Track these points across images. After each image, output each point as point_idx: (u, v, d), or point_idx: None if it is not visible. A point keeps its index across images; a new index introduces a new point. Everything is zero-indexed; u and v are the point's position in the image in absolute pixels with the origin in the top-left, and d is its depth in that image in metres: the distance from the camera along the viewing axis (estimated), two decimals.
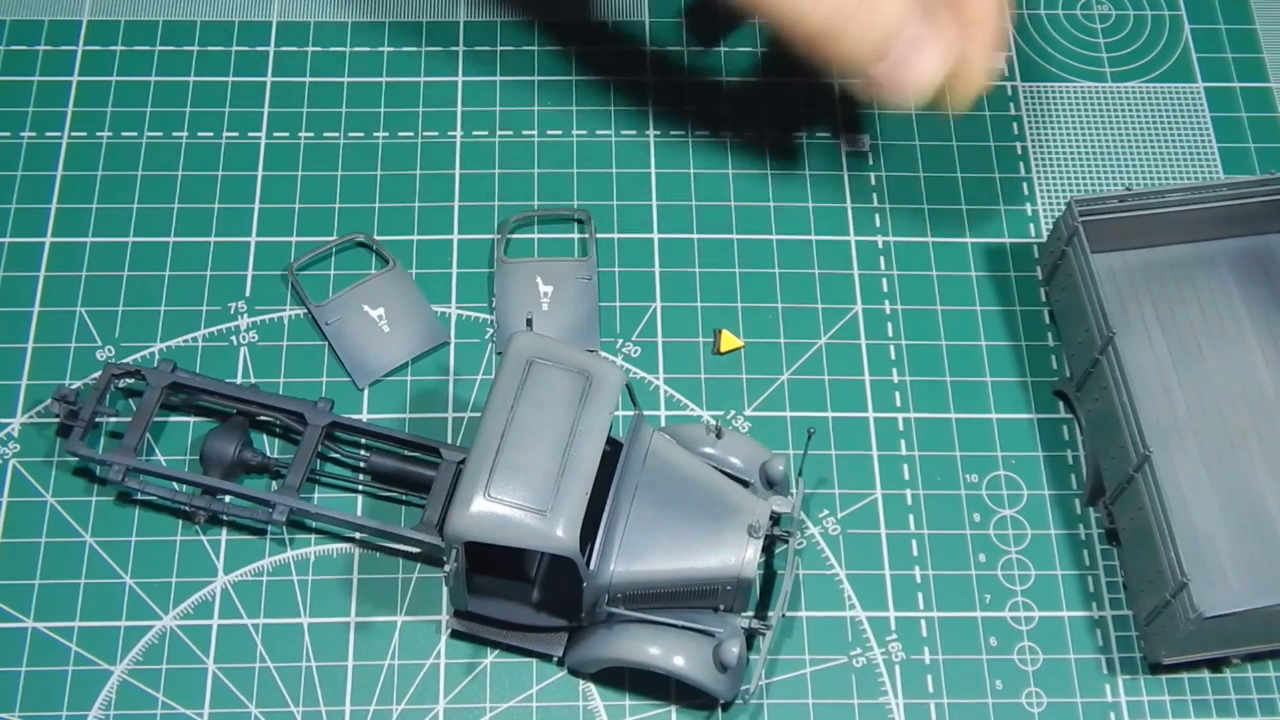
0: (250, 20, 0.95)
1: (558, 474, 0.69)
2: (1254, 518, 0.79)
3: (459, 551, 0.70)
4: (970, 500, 0.82)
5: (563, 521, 0.68)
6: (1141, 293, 0.85)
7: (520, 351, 0.72)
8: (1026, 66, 0.96)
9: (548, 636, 0.76)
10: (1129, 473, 0.76)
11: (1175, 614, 0.73)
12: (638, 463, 0.74)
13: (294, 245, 0.87)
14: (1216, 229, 0.86)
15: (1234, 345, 0.84)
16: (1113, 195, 0.82)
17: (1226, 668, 0.78)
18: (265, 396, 0.80)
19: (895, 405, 0.85)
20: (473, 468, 0.69)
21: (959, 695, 0.77)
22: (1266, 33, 0.98)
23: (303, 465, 0.78)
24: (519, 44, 0.95)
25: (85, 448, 0.78)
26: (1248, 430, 0.81)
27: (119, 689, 0.76)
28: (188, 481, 0.78)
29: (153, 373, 0.80)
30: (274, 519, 0.77)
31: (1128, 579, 0.79)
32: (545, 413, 0.70)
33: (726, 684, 0.73)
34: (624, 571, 0.72)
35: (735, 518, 0.73)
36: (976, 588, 0.80)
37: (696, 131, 0.93)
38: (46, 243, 0.87)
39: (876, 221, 0.90)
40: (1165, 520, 0.73)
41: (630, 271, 0.88)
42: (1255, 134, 0.94)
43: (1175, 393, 0.82)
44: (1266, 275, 0.86)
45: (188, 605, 0.78)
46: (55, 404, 0.78)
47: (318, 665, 0.77)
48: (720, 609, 0.75)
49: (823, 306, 0.87)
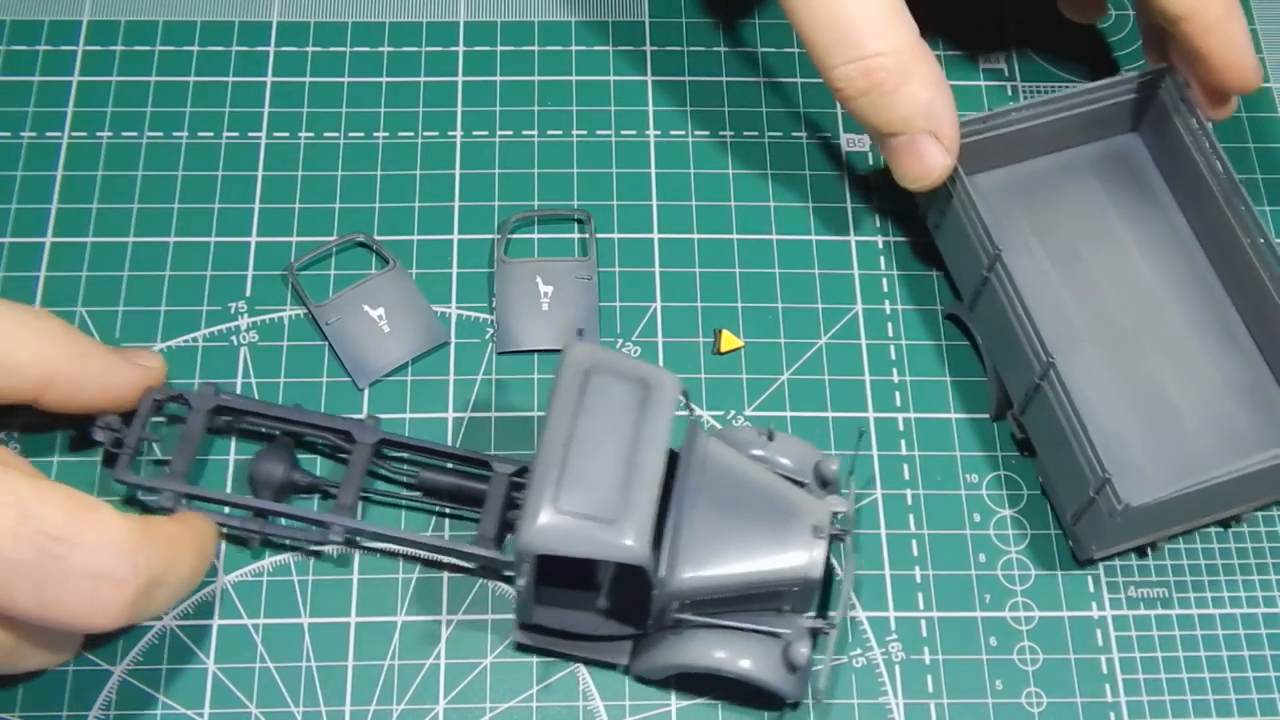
0: (250, 20, 0.95)
1: (624, 483, 0.69)
2: (1157, 406, 0.81)
3: (530, 565, 0.70)
4: (970, 500, 0.82)
5: (633, 530, 0.68)
6: (1015, 208, 0.87)
7: (577, 362, 0.72)
8: (1026, 67, 0.96)
9: (613, 645, 0.76)
10: (1034, 381, 0.77)
11: (1100, 510, 0.75)
12: (697, 468, 0.74)
13: (294, 245, 0.87)
14: (1076, 136, 0.88)
15: (1110, 244, 0.86)
16: (977, 117, 0.83)
17: (1151, 551, 0.81)
18: (312, 416, 0.80)
19: (895, 405, 0.85)
20: (539, 480, 0.69)
21: (959, 695, 0.77)
22: (1266, 33, 0.98)
23: (355, 483, 0.78)
24: (519, 44, 0.95)
25: (134, 476, 0.77)
26: (1137, 324, 0.84)
27: (119, 689, 0.76)
28: (241, 506, 0.78)
29: (196, 396, 0.79)
30: (330, 539, 0.77)
31: (1046, 485, 0.81)
32: (607, 422, 0.70)
33: (796, 684, 0.74)
34: (691, 577, 0.72)
35: (797, 519, 0.73)
36: (976, 588, 0.80)
37: (696, 131, 0.93)
38: (46, 243, 0.87)
39: (876, 221, 0.90)
40: (1079, 422, 0.75)
41: (630, 271, 0.88)
42: (1255, 134, 0.94)
43: (1063, 299, 0.84)
44: (1129, 172, 0.88)
45: (188, 605, 0.78)
46: (99, 432, 0.77)
47: (318, 665, 0.77)
48: (784, 610, 0.75)
49: (823, 306, 0.87)
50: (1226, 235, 0.83)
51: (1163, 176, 0.88)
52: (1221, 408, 0.82)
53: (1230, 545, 0.82)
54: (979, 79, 0.95)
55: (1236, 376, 0.83)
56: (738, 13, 0.97)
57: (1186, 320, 0.84)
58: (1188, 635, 0.80)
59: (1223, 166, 0.83)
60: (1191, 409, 0.81)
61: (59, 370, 0.74)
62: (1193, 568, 0.81)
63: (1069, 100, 0.85)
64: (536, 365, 0.85)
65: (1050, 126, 0.86)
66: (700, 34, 0.96)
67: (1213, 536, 0.82)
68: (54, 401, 0.75)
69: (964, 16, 0.97)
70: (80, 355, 0.75)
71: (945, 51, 0.96)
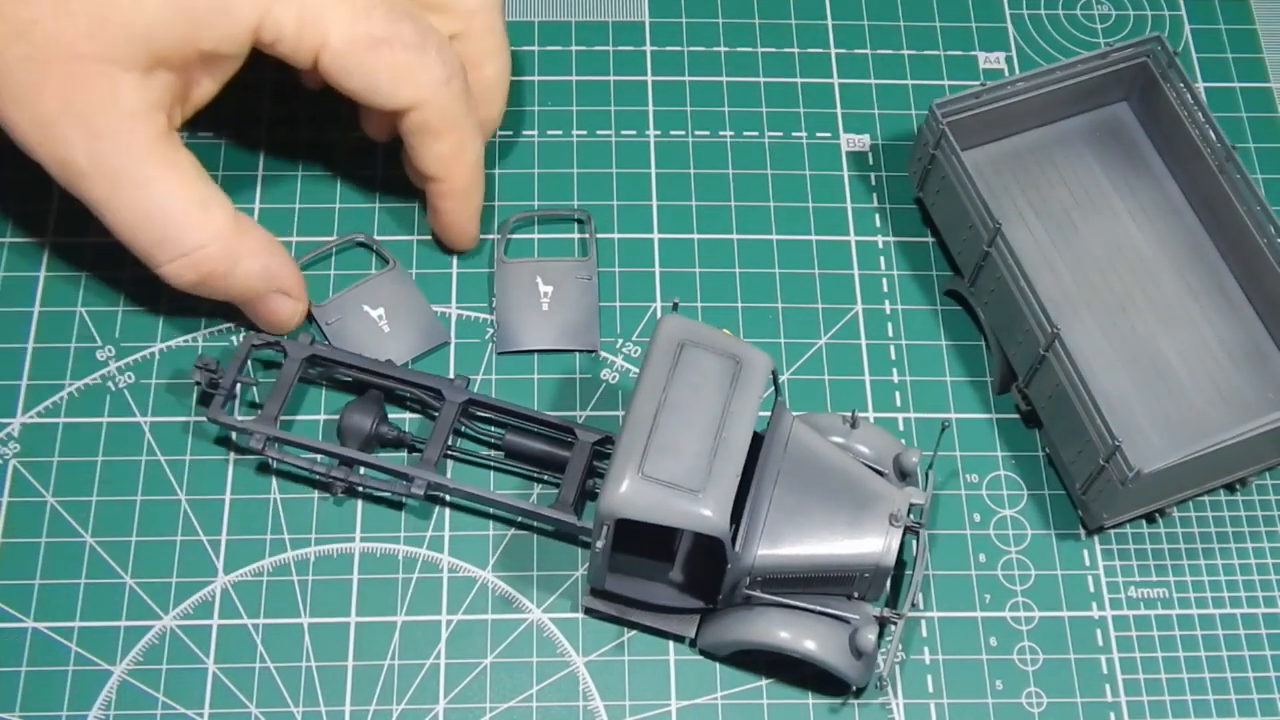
0: None
1: (710, 455, 0.70)
2: (1158, 373, 0.82)
3: (609, 529, 0.70)
4: (970, 500, 0.82)
5: (714, 502, 0.69)
6: (1009, 181, 0.88)
7: (670, 333, 0.73)
8: (1027, 67, 0.96)
9: (680, 618, 0.77)
10: (1039, 353, 0.78)
11: (1110, 477, 0.76)
12: (779, 448, 0.74)
13: (294, 245, 0.87)
14: (1066, 107, 0.89)
15: (1104, 214, 0.87)
16: (969, 92, 0.84)
17: (1161, 518, 0.82)
18: (403, 372, 0.81)
19: (895, 405, 0.85)
20: (626, 446, 0.70)
21: (959, 695, 0.77)
22: (1267, 33, 0.98)
23: (440, 440, 0.79)
24: (519, 44, 0.95)
25: (227, 415, 0.79)
26: (1134, 292, 0.85)
27: (119, 689, 0.76)
28: (327, 453, 0.79)
29: (292, 344, 0.81)
30: (412, 493, 0.78)
31: (1053, 456, 0.82)
32: (698, 394, 0.71)
33: (860, 670, 0.74)
34: (766, 555, 0.72)
35: (875, 506, 0.74)
36: (976, 588, 0.80)
37: (696, 131, 0.93)
38: (46, 243, 0.87)
39: (876, 221, 0.90)
40: (1086, 391, 0.76)
41: (630, 271, 0.88)
42: (1255, 134, 0.94)
43: (1061, 270, 0.85)
44: (1119, 142, 0.89)
45: (188, 605, 0.78)
46: (197, 372, 0.79)
47: (318, 665, 0.77)
48: (853, 597, 0.75)
49: (823, 306, 0.87)
50: (1220, 201, 0.84)
51: (1153, 144, 0.89)
52: (1220, 370, 0.83)
53: (1231, 545, 0.82)
54: (979, 79, 0.95)
55: (1233, 338, 0.84)
56: (738, 13, 0.97)
57: (1182, 285, 0.85)
58: (1188, 635, 0.80)
59: (1215, 135, 0.84)
60: (1190, 372, 0.83)
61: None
62: (1193, 568, 0.81)
63: (1058, 72, 0.86)
64: (536, 365, 0.85)
65: (1040, 99, 0.87)
66: (700, 34, 0.96)
67: (1212, 535, 0.82)
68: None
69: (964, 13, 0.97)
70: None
71: (945, 51, 0.96)
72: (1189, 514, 0.82)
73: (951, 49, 0.96)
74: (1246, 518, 0.83)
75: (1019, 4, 0.98)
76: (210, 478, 0.81)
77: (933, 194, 0.86)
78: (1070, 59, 0.86)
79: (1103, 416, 0.75)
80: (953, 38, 0.97)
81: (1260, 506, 0.83)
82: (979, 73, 0.96)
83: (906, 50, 0.96)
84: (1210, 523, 0.82)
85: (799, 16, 0.97)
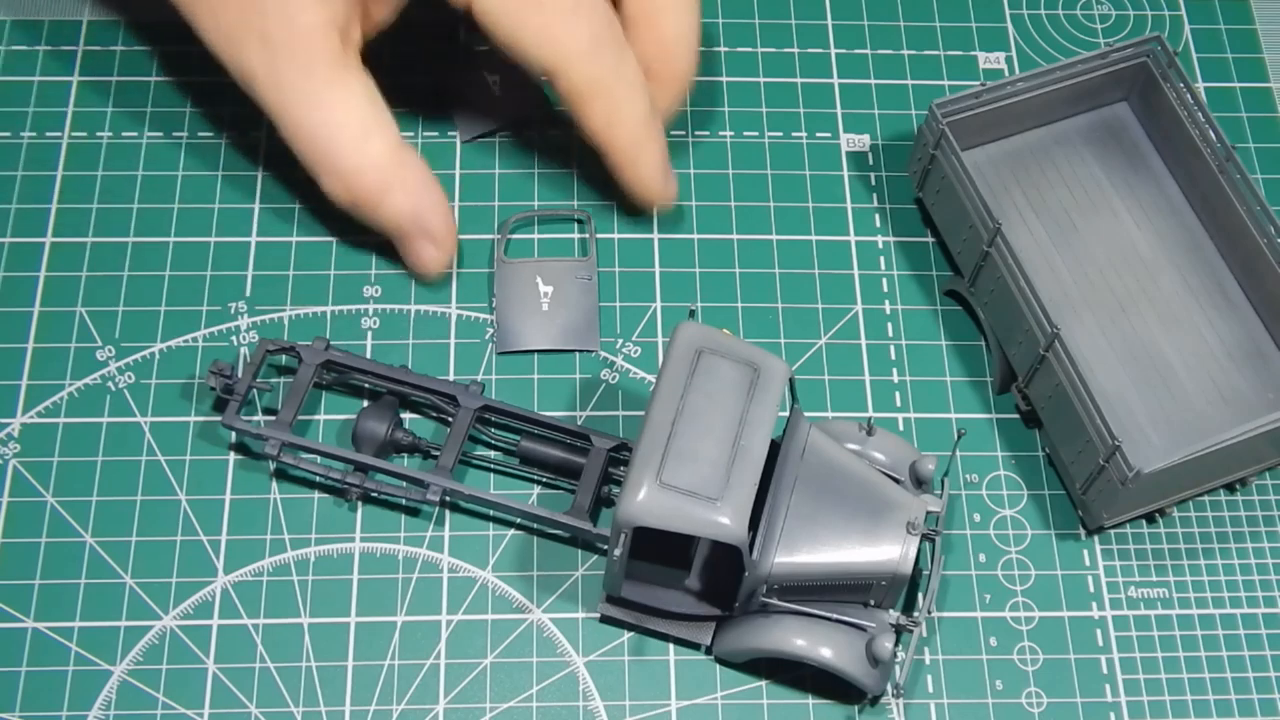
0: None
1: (728, 463, 0.70)
2: (1158, 373, 0.82)
3: (627, 537, 0.70)
4: (970, 500, 0.82)
5: (732, 510, 0.69)
6: (1009, 181, 0.88)
7: (688, 341, 0.73)
8: (1027, 67, 0.96)
9: (696, 625, 0.77)
10: (1039, 353, 0.79)
11: (1111, 477, 0.76)
12: (796, 456, 0.75)
13: (294, 245, 0.87)
14: (1066, 107, 0.89)
15: (1103, 214, 0.87)
16: (969, 92, 0.84)
17: (1161, 518, 0.82)
18: (417, 378, 0.81)
19: (895, 405, 0.85)
20: (644, 453, 0.70)
21: (959, 695, 0.77)
22: (1266, 33, 0.98)
23: (456, 446, 0.79)
24: None
25: (242, 421, 0.79)
26: (1134, 292, 0.85)
27: (119, 689, 0.76)
28: (342, 459, 0.79)
29: (307, 349, 0.81)
30: (427, 499, 0.78)
31: (1053, 455, 0.82)
32: (715, 402, 0.71)
33: (876, 678, 0.74)
34: (783, 562, 0.72)
35: (892, 514, 0.74)
36: (976, 588, 0.80)
37: (697, 131, 0.93)
38: (46, 243, 0.87)
39: (876, 221, 0.90)
40: (1085, 391, 0.76)
41: (630, 271, 0.88)
42: (1255, 134, 0.94)
43: (1061, 270, 0.85)
44: (1119, 143, 0.89)
45: (188, 605, 0.78)
46: (211, 377, 0.79)
47: (318, 665, 0.77)
48: (870, 604, 0.75)
49: (823, 306, 0.87)
50: (1220, 201, 0.84)
51: (1153, 144, 0.89)
52: (1219, 369, 0.83)
53: (1231, 546, 0.82)
54: (979, 79, 0.95)
55: (1232, 338, 0.84)
56: (738, 13, 0.97)
57: (1181, 285, 0.85)
58: (1188, 635, 0.80)
59: (1215, 135, 0.84)
60: (1190, 372, 0.83)
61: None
62: (1193, 568, 0.81)
63: (1058, 72, 0.86)
64: (536, 365, 0.85)
65: (1040, 99, 0.87)
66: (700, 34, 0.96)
67: (1212, 535, 0.82)
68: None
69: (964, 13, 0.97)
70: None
71: (945, 51, 0.96)
72: (1189, 514, 0.83)
73: (951, 49, 0.96)
74: (1246, 518, 0.83)
75: (1019, 4, 0.98)
76: (210, 478, 0.81)
77: (933, 194, 0.86)
78: (1070, 59, 0.86)
79: (1103, 416, 0.75)
80: (953, 38, 0.97)
81: (1260, 506, 0.83)
82: (979, 73, 0.96)
83: (906, 50, 0.96)
84: (1210, 523, 0.82)
85: (799, 16, 0.97)
